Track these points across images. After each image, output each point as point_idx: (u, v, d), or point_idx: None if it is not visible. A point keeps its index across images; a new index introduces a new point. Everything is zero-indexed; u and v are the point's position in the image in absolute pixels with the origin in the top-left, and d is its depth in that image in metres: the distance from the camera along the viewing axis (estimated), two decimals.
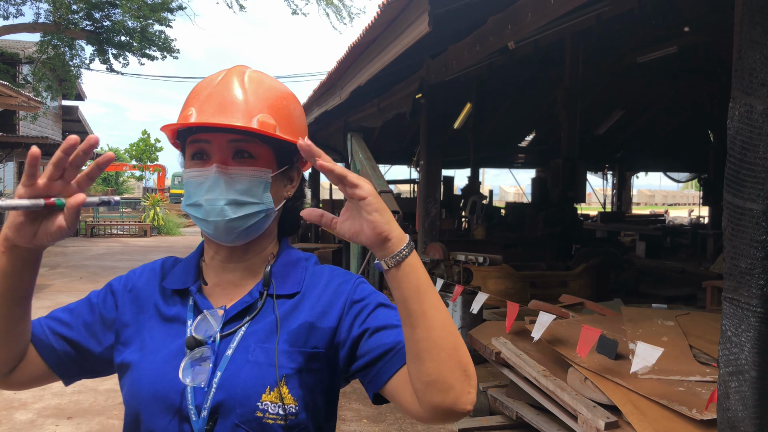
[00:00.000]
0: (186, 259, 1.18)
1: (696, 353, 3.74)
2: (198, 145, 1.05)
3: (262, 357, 1.01)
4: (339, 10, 15.84)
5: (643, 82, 13.95)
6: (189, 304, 1.09)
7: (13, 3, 13.33)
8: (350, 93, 6.42)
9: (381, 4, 4.07)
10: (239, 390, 0.99)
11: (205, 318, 1.05)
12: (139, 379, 1.04)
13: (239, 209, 1.03)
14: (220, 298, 1.10)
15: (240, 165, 1.04)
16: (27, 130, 16.44)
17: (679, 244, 15.61)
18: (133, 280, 1.18)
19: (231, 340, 1.04)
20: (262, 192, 1.06)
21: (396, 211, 5.29)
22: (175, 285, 1.12)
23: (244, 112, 1.02)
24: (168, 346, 1.05)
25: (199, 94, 1.06)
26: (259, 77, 1.09)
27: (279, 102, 1.08)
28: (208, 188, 1.02)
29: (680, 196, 54.63)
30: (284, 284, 1.10)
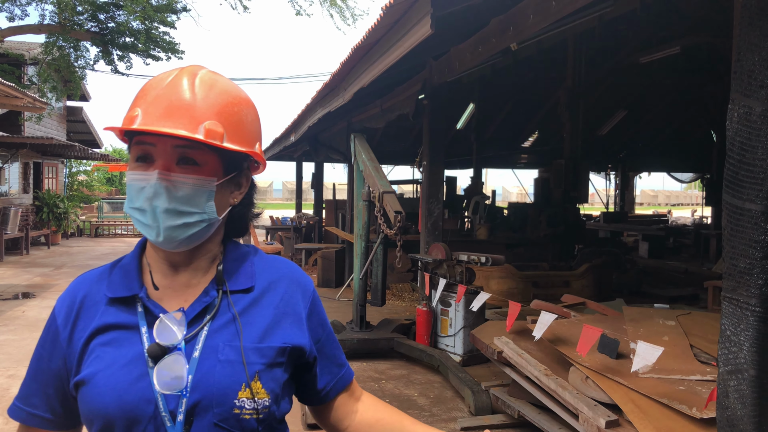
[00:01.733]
0: (122, 264, 1.14)
1: (697, 353, 3.76)
2: (142, 148, 1.02)
3: (233, 355, 1.02)
4: (342, 11, 15.88)
5: (646, 82, 13.97)
6: (139, 311, 1.06)
7: (19, 5, 13.39)
8: (353, 94, 6.45)
9: (384, 6, 4.10)
10: (215, 390, 1.00)
11: (164, 322, 1.03)
12: (99, 395, 1.00)
13: (179, 218, 1.01)
14: (173, 302, 1.08)
15: (183, 172, 1.01)
16: (32, 131, 16.52)
17: (681, 245, 15.62)
18: (76, 294, 1.12)
19: (195, 341, 1.03)
20: (205, 201, 1.04)
21: (399, 211, 5.32)
22: (118, 292, 1.08)
23: (191, 118, 1.00)
24: (124, 356, 1.02)
25: (147, 95, 1.02)
26: (211, 79, 1.05)
27: (229, 108, 1.05)
28: (149, 195, 1.00)
29: (683, 197, 54.51)
30: (237, 280, 1.11)
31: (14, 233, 14.79)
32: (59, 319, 1.10)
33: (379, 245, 6.22)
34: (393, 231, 5.45)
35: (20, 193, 16.81)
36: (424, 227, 6.92)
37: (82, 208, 21.86)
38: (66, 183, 21.75)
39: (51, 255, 15.28)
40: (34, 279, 11.29)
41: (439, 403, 4.98)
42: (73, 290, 1.13)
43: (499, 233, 12.21)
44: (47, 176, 19.29)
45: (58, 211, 17.56)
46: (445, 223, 8.21)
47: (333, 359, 1.22)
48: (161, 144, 1.01)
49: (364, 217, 6.31)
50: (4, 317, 7.96)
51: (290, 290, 1.15)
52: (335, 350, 1.23)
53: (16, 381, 5.43)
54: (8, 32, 13.01)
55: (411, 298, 9.34)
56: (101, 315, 1.07)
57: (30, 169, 17.56)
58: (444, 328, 6.23)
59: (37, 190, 17.91)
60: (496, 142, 17.34)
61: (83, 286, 1.13)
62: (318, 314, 1.19)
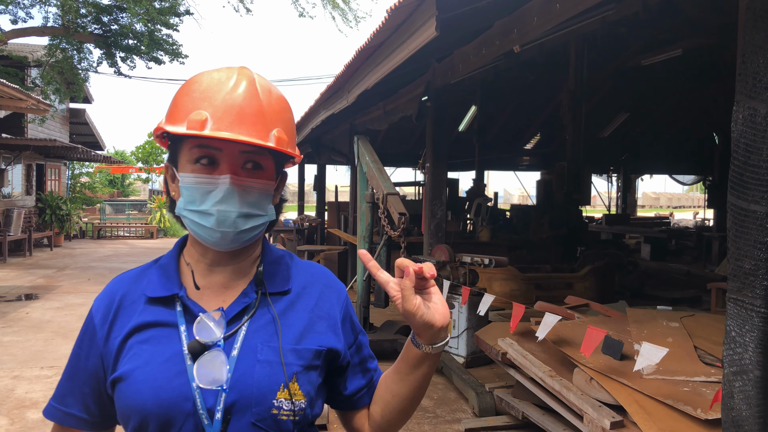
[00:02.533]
0: (161, 263, 1.15)
1: (701, 354, 3.77)
2: (207, 151, 1.03)
3: (271, 356, 1.04)
4: (345, 13, 15.92)
5: (647, 84, 13.97)
6: (178, 310, 1.08)
7: (22, 7, 13.43)
8: (357, 96, 6.46)
9: (389, 8, 4.12)
10: (254, 389, 1.01)
11: (203, 321, 1.05)
12: (137, 391, 1.01)
13: (249, 221, 1.05)
14: (211, 301, 1.09)
15: (251, 177, 1.05)
16: (35, 133, 16.56)
17: (684, 247, 15.60)
18: (115, 293, 1.13)
19: (234, 340, 1.05)
20: (268, 204, 1.09)
21: (403, 213, 5.34)
22: (157, 292, 1.09)
23: (263, 126, 1.03)
24: (163, 354, 1.04)
25: (211, 98, 1.01)
26: (267, 85, 1.08)
27: (286, 114, 1.10)
28: (220, 198, 1.02)
29: (685, 199, 54.47)
30: (274, 282, 1.13)
31: (17, 235, 14.82)
32: (96, 319, 1.12)
33: (383, 247, 6.23)
34: (397, 233, 5.47)
35: (23, 195, 16.84)
36: (428, 229, 6.93)
37: (84, 209, 21.91)
38: (68, 185, 21.79)
39: (54, 257, 15.31)
40: (38, 281, 11.31)
41: (442, 404, 4.99)
42: (111, 290, 1.15)
43: (501, 235, 12.22)
44: (50, 178, 19.33)
45: (61, 212, 17.60)
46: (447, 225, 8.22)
47: (365, 365, 1.22)
48: (229, 149, 1.03)
49: (368, 219, 6.32)
50: (7, 318, 7.98)
51: (325, 294, 1.18)
52: (367, 356, 1.24)
53: (20, 382, 5.45)
54: (12, 34, 13.04)
55: None
56: (140, 314, 1.09)
57: (33, 171, 17.60)
58: (447, 329, 6.23)
59: (40, 192, 17.95)
60: (498, 144, 17.35)
61: (121, 285, 1.14)
62: (351, 319, 1.21)
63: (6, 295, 9.69)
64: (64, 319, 7.97)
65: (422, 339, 1.05)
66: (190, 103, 1.02)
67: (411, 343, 1.07)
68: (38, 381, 5.50)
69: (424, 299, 1.02)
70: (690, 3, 8.21)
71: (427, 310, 1.01)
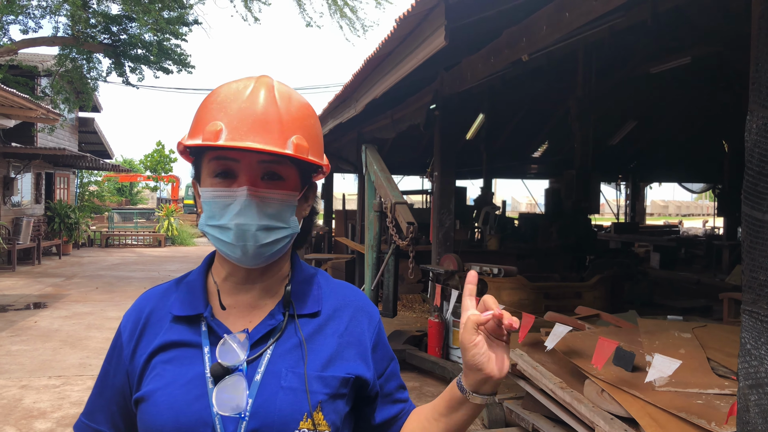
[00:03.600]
0: (188, 280, 1.12)
1: (714, 366, 3.72)
2: (224, 163, 1.00)
3: (296, 383, 0.99)
4: (352, 22, 15.96)
5: (656, 92, 13.93)
6: (203, 330, 1.05)
7: (32, 17, 13.55)
8: (365, 105, 6.47)
9: (398, 18, 4.12)
10: (276, 417, 0.97)
11: (227, 343, 1.01)
12: (158, 413, 0.98)
13: (270, 234, 1.00)
14: (237, 321, 1.06)
15: (270, 188, 1.00)
16: (45, 142, 16.66)
17: (693, 255, 15.50)
18: (142, 310, 1.12)
19: (257, 364, 1.01)
20: (290, 216, 1.04)
21: (411, 222, 5.31)
22: (183, 311, 1.06)
23: (280, 133, 0.97)
24: (185, 375, 1.01)
25: (227, 107, 0.98)
26: (287, 92, 1.03)
27: (308, 121, 1.04)
28: (238, 212, 0.98)
29: (694, 207, 54.20)
30: (304, 303, 1.08)
31: (26, 243, 14.89)
32: (124, 335, 1.10)
33: (391, 256, 6.20)
34: (405, 242, 5.44)
35: (32, 203, 16.93)
36: (436, 238, 6.90)
37: (92, 218, 21.99)
38: (77, 193, 21.91)
39: (62, 265, 15.36)
40: (46, 289, 11.34)
41: None
42: (139, 306, 1.13)
43: (509, 244, 12.17)
44: (59, 187, 19.43)
45: (70, 221, 17.68)
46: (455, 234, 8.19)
47: (395, 395, 1.16)
48: (246, 160, 0.99)
49: (376, 227, 6.30)
50: (16, 327, 7.99)
51: (356, 319, 1.11)
52: (398, 386, 1.17)
53: (29, 392, 5.45)
54: (22, 44, 13.15)
55: (422, 309, 9.32)
56: (165, 332, 1.06)
57: (42, 180, 17.70)
58: (456, 339, 6.20)
59: (49, 201, 18.04)
60: (505, 152, 17.32)
61: (149, 302, 1.12)
62: (384, 346, 1.15)
63: (15, 304, 9.72)
64: (72, 328, 7.98)
65: (468, 381, 0.97)
66: (208, 115, 1.00)
67: (456, 383, 1.00)
68: (46, 391, 5.49)
69: (490, 344, 0.95)
70: (699, 11, 8.18)
71: (484, 352, 0.94)
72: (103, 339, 7.41)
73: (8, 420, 4.78)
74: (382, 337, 1.15)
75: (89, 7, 13.42)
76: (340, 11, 15.64)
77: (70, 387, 5.60)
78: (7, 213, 14.96)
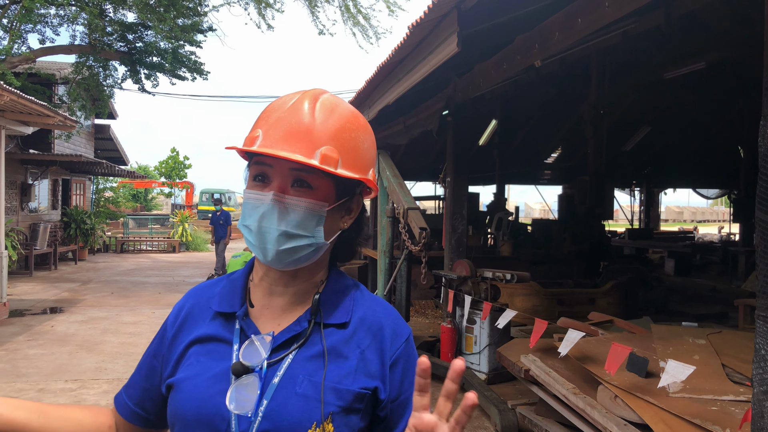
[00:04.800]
0: (232, 278, 1.16)
1: (729, 372, 3.70)
2: (260, 168, 1.04)
3: (310, 390, 1.00)
4: (365, 29, 16.04)
5: (670, 98, 13.85)
6: (236, 328, 1.08)
7: (50, 26, 13.75)
8: (378, 111, 6.50)
9: (410, 25, 4.15)
10: (285, 422, 0.98)
11: (253, 344, 1.04)
12: (183, 400, 1.03)
13: (289, 241, 1.02)
14: (268, 323, 1.08)
15: (297, 195, 1.02)
16: (61, 149, 16.86)
17: (709, 262, 15.37)
18: (188, 300, 1.18)
19: (278, 368, 1.02)
20: (315, 226, 1.04)
21: (424, 227, 5.33)
22: (222, 307, 1.11)
23: (309, 143, 1.00)
24: (213, 369, 1.04)
25: (269, 117, 1.04)
26: (332, 104, 1.06)
27: (347, 134, 1.04)
28: (262, 215, 1.01)
29: (710, 213, 53.71)
30: (333, 313, 1.08)
31: (43, 249, 15.06)
32: (169, 322, 1.17)
33: (403, 261, 6.22)
34: (418, 247, 5.46)
35: (49, 209, 17.13)
36: (448, 244, 6.91)
37: (108, 224, 22.21)
38: (93, 199, 22.13)
39: (78, 270, 15.52)
40: (62, 294, 11.46)
41: None
42: (186, 298, 1.19)
43: (522, 250, 12.14)
44: (75, 193, 19.65)
45: (85, 227, 17.86)
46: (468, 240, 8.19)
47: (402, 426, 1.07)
48: (278, 166, 1.02)
49: (388, 233, 6.33)
50: (33, 332, 8.09)
51: (381, 335, 1.09)
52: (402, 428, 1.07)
53: (45, 395, 5.51)
54: (40, 53, 13.34)
55: (434, 315, 9.31)
56: (205, 325, 1.11)
57: (59, 186, 17.92)
58: (469, 345, 6.20)
59: (66, 207, 18.25)
60: (518, 158, 17.29)
61: (195, 295, 1.19)
62: (404, 369, 1.09)
63: (32, 308, 9.83)
64: (87, 332, 8.06)
65: None
66: (256, 123, 1.06)
67: None
68: (62, 394, 5.55)
69: None
70: (714, 16, 8.15)
71: None
72: (118, 343, 7.48)
73: None
74: (404, 360, 1.09)
75: (106, 15, 13.61)
76: (353, 19, 15.73)
77: (86, 390, 5.66)
78: (25, 219, 15.15)
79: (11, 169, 13.97)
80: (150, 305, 10.16)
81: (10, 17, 12.91)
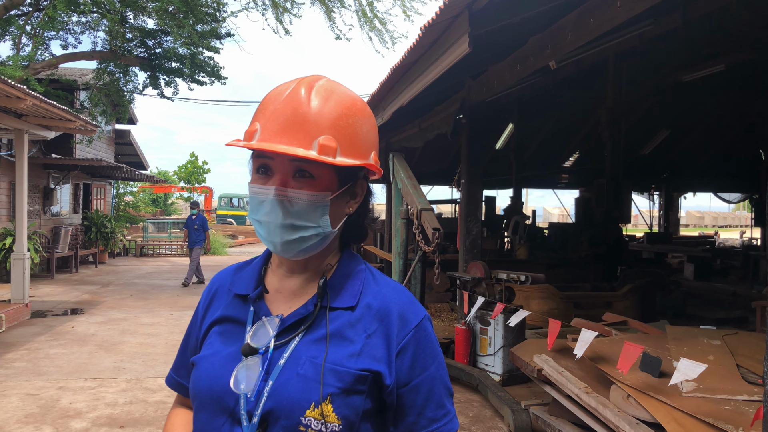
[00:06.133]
0: (253, 263, 1.21)
1: (743, 372, 3.67)
2: (262, 161, 1.05)
3: (310, 372, 1.02)
4: (382, 34, 16.10)
5: (689, 101, 13.73)
6: (251, 310, 1.12)
7: (72, 33, 14.01)
8: (392, 114, 6.54)
9: (423, 26, 4.19)
10: (285, 401, 1.00)
11: (263, 326, 1.07)
12: (198, 378, 1.09)
13: (296, 232, 1.04)
14: (280, 306, 1.11)
15: (299, 187, 1.03)
16: (83, 153, 17.13)
17: (729, 266, 15.15)
18: (214, 283, 1.24)
19: (284, 350, 1.05)
20: (320, 215, 1.05)
21: (437, 228, 5.35)
22: (240, 290, 1.16)
23: (306, 134, 1.01)
24: (228, 348, 1.09)
25: (266, 108, 1.04)
26: (327, 90, 1.05)
27: (344, 120, 1.04)
28: (267, 209, 1.03)
29: (731, 218, 52.96)
30: (340, 296, 1.10)
31: (65, 252, 15.30)
32: (200, 304, 1.24)
33: (418, 263, 6.24)
34: (431, 248, 5.48)
35: (70, 213, 17.40)
36: (463, 246, 6.91)
37: (128, 228, 22.47)
38: (113, 204, 22.43)
39: (98, 273, 15.73)
40: (83, 296, 11.63)
41: (478, 421, 4.94)
42: (214, 280, 1.26)
43: (539, 253, 12.08)
44: (96, 197, 19.94)
45: (106, 230, 18.10)
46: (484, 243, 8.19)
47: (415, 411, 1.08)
48: (279, 158, 1.03)
49: (403, 234, 6.35)
50: (54, 332, 8.23)
51: (388, 321, 1.08)
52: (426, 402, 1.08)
53: (65, 393, 5.61)
54: (62, 59, 13.59)
55: (449, 318, 9.30)
56: (225, 307, 1.17)
57: (80, 190, 18.19)
58: (483, 347, 6.19)
59: (86, 211, 18.51)
60: (535, 161, 17.23)
61: (221, 278, 1.25)
62: (413, 355, 1.08)
63: (53, 310, 10.00)
64: (107, 333, 8.18)
65: None
66: (255, 116, 1.07)
67: None
68: (82, 392, 5.65)
69: None
70: (732, 18, 8.07)
71: None
72: (137, 344, 7.58)
73: (46, 419, 4.93)
74: (416, 347, 1.09)
75: (126, 22, 13.83)
76: (369, 23, 15.81)
77: (105, 389, 5.75)
78: (47, 222, 15.41)
79: (34, 174, 14.22)
80: (168, 307, 10.28)
81: (33, 24, 13.18)
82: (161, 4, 12.44)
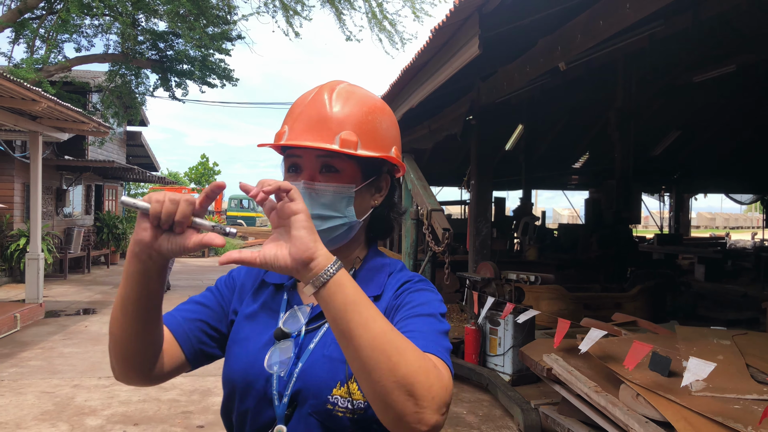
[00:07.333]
0: None
1: (753, 372, 3.68)
2: (292, 159, 1.15)
3: (336, 353, 1.08)
4: (392, 35, 16.15)
5: (700, 101, 13.67)
6: (284, 298, 1.20)
7: (85, 36, 14.16)
8: (402, 115, 6.58)
9: (433, 28, 4.23)
10: (313, 382, 1.07)
11: (295, 313, 1.16)
12: (234, 363, 1.15)
13: (323, 223, 1.11)
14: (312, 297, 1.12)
15: (325, 180, 1.12)
16: (95, 155, 17.29)
17: (741, 268, 15.07)
18: (242, 270, 1.29)
19: (315, 335, 1.13)
20: (345, 206, 1.13)
21: (447, 228, 5.39)
22: (273, 279, 1.23)
23: (329, 131, 1.10)
24: (261, 335, 1.16)
25: (293, 112, 1.16)
26: (348, 92, 1.16)
27: (363, 117, 1.14)
28: None
29: (743, 219, 52.58)
30: (367, 287, 1.17)
31: (77, 252, 15.44)
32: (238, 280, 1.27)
33: (427, 263, 6.28)
34: (441, 248, 5.51)
35: (83, 214, 17.56)
36: (472, 246, 6.94)
37: None
38: None
39: (110, 274, 15.87)
40: (95, 296, 11.75)
41: (487, 420, 4.97)
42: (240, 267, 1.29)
43: (548, 254, 12.08)
44: (107, 198, 20.10)
45: (117, 231, 18.25)
46: (493, 244, 8.20)
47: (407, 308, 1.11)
48: (306, 155, 1.13)
49: (412, 235, 6.39)
50: (68, 331, 8.33)
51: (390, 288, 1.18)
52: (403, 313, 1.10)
53: (80, 390, 5.69)
54: (75, 62, 13.73)
55: (459, 318, 9.33)
56: (262, 293, 1.24)
57: (92, 192, 18.35)
58: (493, 347, 6.22)
59: (98, 212, 18.68)
60: (545, 162, 17.21)
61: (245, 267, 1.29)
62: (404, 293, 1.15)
63: (66, 309, 10.11)
64: None
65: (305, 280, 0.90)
66: (284, 120, 1.18)
67: None
68: (96, 390, 5.72)
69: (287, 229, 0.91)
70: (743, 18, 8.06)
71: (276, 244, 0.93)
72: None
73: (61, 416, 5.01)
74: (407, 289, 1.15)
75: (138, 25, 13.96)
76: (379, 25, 15.86)
77: (119, 387, 5.82)
78: (60, 223, 15.56)
79: (47, 175, 14.37)
80: None
81: (47, 27, 13.33)
82: (173, 7, 12.56)
